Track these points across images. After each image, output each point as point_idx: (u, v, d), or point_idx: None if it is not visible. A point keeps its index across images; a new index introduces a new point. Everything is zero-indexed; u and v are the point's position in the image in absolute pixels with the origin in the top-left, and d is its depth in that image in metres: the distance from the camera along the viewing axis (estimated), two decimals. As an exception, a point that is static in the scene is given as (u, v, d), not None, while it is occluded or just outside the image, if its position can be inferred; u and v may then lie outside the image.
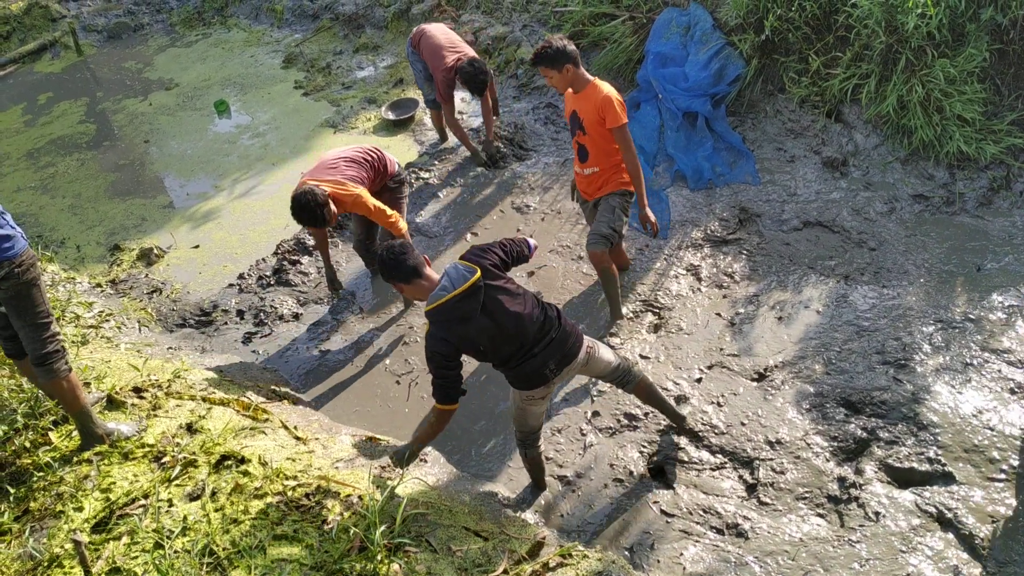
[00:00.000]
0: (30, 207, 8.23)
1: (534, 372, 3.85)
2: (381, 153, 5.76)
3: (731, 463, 4.52)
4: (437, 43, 7.14)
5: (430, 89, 7.53)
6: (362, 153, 5.65)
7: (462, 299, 3.67)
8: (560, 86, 5.06)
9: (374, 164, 5.66)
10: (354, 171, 5.49)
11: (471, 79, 6.89)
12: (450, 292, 3.67)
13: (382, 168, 5.72)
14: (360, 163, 5.57)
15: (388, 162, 5.77)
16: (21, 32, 12.79)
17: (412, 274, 3.78)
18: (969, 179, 6.15)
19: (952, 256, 5.67)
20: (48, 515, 3.88)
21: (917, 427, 4.49)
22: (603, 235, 5.23)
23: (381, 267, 3.82)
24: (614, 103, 4.94)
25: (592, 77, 5.08)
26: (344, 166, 5.49)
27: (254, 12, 12.42)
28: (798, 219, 6.23)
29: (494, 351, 3.80)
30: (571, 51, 4.89)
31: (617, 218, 5.26)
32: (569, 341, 3.93)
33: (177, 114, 9.80)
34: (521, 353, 3.82)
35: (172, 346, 5.89)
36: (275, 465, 4.05)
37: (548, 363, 3.85)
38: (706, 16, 7.35)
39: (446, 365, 3.74)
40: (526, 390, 3.94)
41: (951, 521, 4.02)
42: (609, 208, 5.27)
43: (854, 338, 5.15)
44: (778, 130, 7.06)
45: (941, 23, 6.07)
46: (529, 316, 3.80)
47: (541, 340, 3.84)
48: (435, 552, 3.54)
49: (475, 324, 3.69)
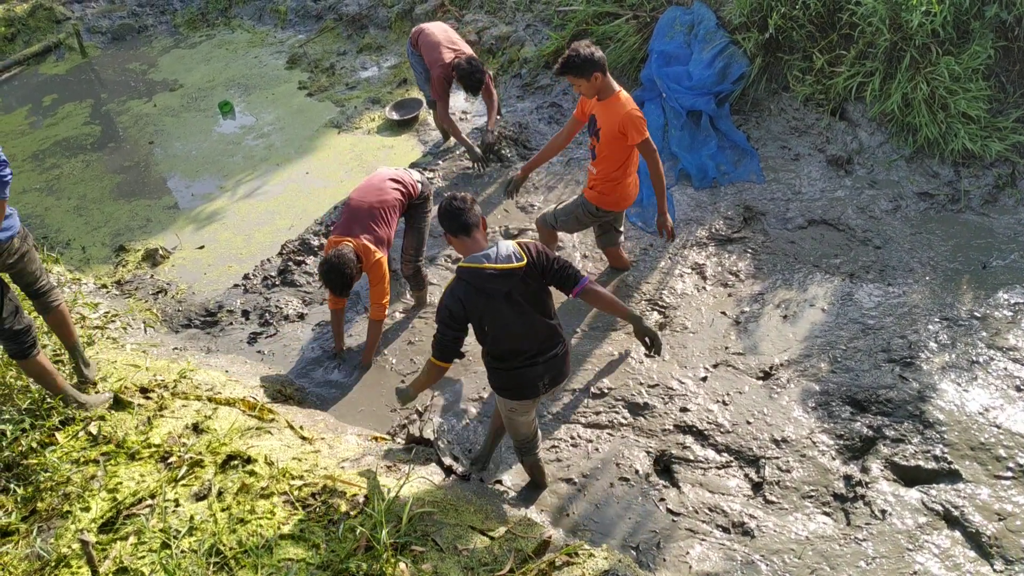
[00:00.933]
0: (36, 208, 8.24)
1: (528, 382, 3.86)
2: (405, 183, 5.70)
3: (737, 461, 4.51)
4: (435, 40, 7.14)
5: (431, 90, 7.54)
6: (391, 196, 5.55)
7: (495, 276, 3.67)
8: (588, 93, 5.04)
9: (402, 204, 5.66)
10: (385, 229, 5.46)
11: (467, 77, 6.88)
12: (489, 263, 3.68)
13: (407, 200, 5.71)
14: (393, 210, 5.55)
15: (412, 188, 5.74)
16: (25, 34, 12.81)
17: (461, 230, 3.77)
18: (974, 177, 6.14)
19: (957, 254, 5.66)
20: (55, 515, 3.90)
21: (923, 425, 4.48)
22: (545, 217, 5.65)
23: (439, 212, 3.83)
24: (638, 120, 4.96)
25: (618, 87, 5.06)
26: (381, 221, 5.45)
27: (258, 13, 12.43)
28: (803, 217, 6.23)
29: (494, 339, 3.78)
30: (599, 58, 4.83)
31: (568, 217, 5.53)
32: (567, 360, 3.98)
33: (181, 115, 9.82)
34: (522, 358, 3.81)
35: (178, 347, 5.90)
36: (281, 465, 4.06)
37: (544, 377, 3.87)
38: (710, 14, 7.34)
39: (451, 323, 3.73)
40: (513, 400, 3.94)
41: (958, 519, 4.02)
42: (572, 206, 5.54)
43: (860, 336, 5.14)
44: (782, 128, 7.05)
45: (945, 20, 6.05)
46: (542, 324, 3.80)
47: (544, 352, 3.83)
48: (441, 551, 3.55)
49: (493, 304, 3.69)
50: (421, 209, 5.88)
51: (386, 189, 5.58)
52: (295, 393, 5.41)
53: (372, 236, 5.36)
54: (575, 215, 5.52)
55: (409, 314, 6.05)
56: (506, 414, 4.08)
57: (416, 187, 5.77)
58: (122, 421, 4.48)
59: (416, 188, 5.77)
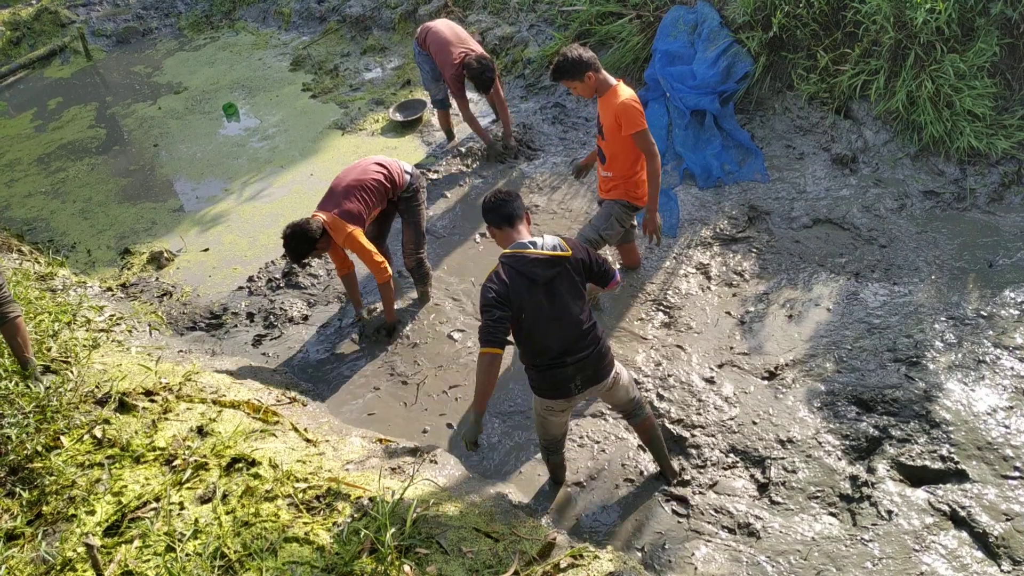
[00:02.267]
0: (41, 212, 8.27)
1: (560, 383, 3.84)
2: (390, 168, 5.68)
3: (742, 462, 4.50)
4: (444, 39, 7.14)
5: (437, 89, 7.54)
6: (372, 176, 5.57)
7: (539, 262, 3.69)
8: (586, 94, 5.01)
9: (382, 185, 5.60)
10: (357, 204, 5.45)
11: (478, 76, 6.89)
12: (535, 249, 3.70)
13: (391, 185, 5.65)
14: (370, 190, 5.53)
15: (397, 175, 5.70)
16: (31, 38, 12.86)
17: (504, 221, 3.80)
18: (980, 175, 6.11)
19: (963, 252, 5.63)
20: (60, 519, 3.90)
21: (930, 425, 4.46)
22: (587, 238, 5.29)
23: (483, 206, 3.85)
24: (631, 109, 4.87)
25: (615, 81, 5.01)
26: (353, 198, 5.45)
27: (262, 15, 12.46)
28: (808, 216, 6.21)
29: (527, 333, 3.78)
30: (588, 58, 4.81)
31: (609, 225, 5.30)
32: (602, 363, 3.91)
33: (186, 118, 9.84)
34: (550, 356, 3.80)
35: (183, 349, 5.91)
36: (285, 467, 4.06)
37: (576, 378, 3.83)
38: (713, 14, 7.32)
39: (496, 304, 3.69)
40: (547, 399, 3.93)
41: (965, 519, 3.99)
42: (605, 214, 5.31)
43: (865, 336, 5.12)
44: (787, 127, 7.03)
45: (950, 18, 6.03)
46: (575, 322, 3.79)
47: (576, 352, 3.80)
48: (446, 553, 3.54)
49: (534, 292, 3.70)
50: (412, 202, 5.84)
51: (368, 170, 5.60)
52: (300, 395, 5.41)
53: (341, 210, 5.39)
54: (615, 219, 5.33)
55: (413, 311, 6.04)
56: (540, 412, 4.07)
57: (403, 176, 5.74)
58: (127, 424, 4.49)
59: (403, 177, 5.73)
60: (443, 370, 5.50)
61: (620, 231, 5.41)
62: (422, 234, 5.91)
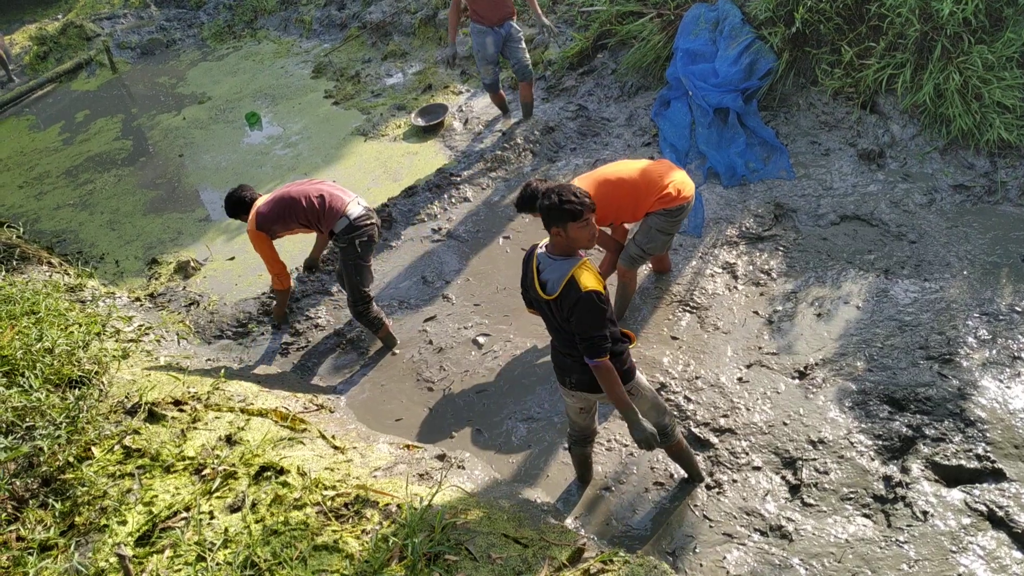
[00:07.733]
0: (70, 224, 8.37)
1: (558, 369, 3.90)
2: (331, 203, 5.40)
3: (774, 463, 4.44)
4: None
5: (487, 72, 7.76)
6: (308, 195, 5.42)
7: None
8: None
9: (311, 209, 5.39)
10: (277, 213, 5.44)
11: None
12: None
13: (317, 216, 5.40)
14: (296, 209, 5.42)
15: (331, 212, 5.37)
16: (58, 52, 13.06)
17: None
18: (1011, 167, 6.00)
19: (996, 247, 5.53)
20: (93, 529, 3.93)
21: (964, 423, 4.38)
22: (630, 255, 5.28)
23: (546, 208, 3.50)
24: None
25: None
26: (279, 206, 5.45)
27: (283, 24, 12.54)
28: (835, 213, 6.13)
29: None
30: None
31: (651, 239, 5.19)
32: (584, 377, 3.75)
33: (210, 127, 9.92)
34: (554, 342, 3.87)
35: (211, 358, 5.95)
36: (314, 475, 4.07)
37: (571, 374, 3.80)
38: (735, 10, 7.26)
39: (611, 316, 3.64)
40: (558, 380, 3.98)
41: (1003, 520, 3.92)
42: (646, 228, 5.19)
43: (896, 333, 5.04)
44: (812, 123, 6.95)
45: (977, 8, 5.93)
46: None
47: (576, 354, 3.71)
48: (475, 560, 3.53)
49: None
50: (347, 251, 5.44)
51: (310, 191, 5.46)
52: (327, 402, 5.42)
53: (262, 211, 5.46)
54: (655, 232, 5.15)
55: (438, 316, 6.03)
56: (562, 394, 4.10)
57: (338, 219, 5.37)
58: (156, 434, 4.52)
59: (336, 220, 5.37)
60: (469, 375, 5.49)
61: (667, 238, 5.24)
62: (356, 288, 5.54)
